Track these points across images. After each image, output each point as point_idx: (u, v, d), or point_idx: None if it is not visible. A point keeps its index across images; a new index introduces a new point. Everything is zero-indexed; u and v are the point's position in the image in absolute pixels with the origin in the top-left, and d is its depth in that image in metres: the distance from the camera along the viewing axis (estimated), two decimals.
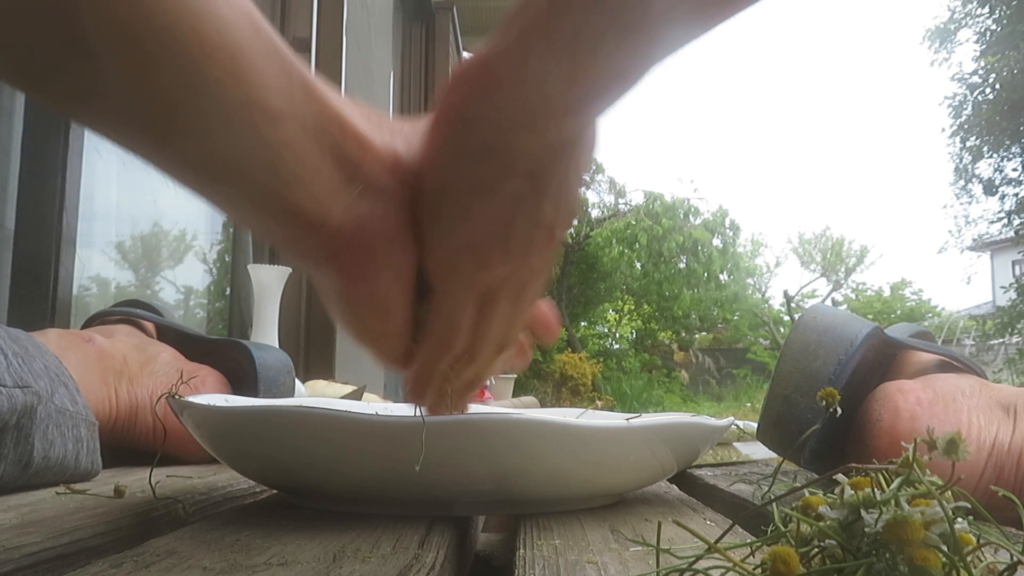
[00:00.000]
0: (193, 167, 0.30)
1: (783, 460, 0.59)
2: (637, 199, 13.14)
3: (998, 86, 12.16)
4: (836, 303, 15.92)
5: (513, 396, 3.45)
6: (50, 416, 0.53)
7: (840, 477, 0.25)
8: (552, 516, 0.44)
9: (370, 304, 0.34)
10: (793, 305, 14.77)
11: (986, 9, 12.39)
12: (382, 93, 3.15)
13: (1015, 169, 12.68)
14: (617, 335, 14.03)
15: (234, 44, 0.27)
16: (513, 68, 0.29)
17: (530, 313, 0.38)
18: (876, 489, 0.24)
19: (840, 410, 0.42)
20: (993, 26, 12.31)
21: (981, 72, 12.50)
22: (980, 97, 12.58)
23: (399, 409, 0.67)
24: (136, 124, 0.28)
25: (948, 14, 13.28)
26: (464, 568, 0.44)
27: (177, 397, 0.48)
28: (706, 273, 13.13)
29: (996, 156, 12.71)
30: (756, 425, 0.66)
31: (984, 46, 12.42)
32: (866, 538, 0.23)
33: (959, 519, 0.23)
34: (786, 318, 14.57)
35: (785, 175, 37.41)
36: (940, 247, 21.91)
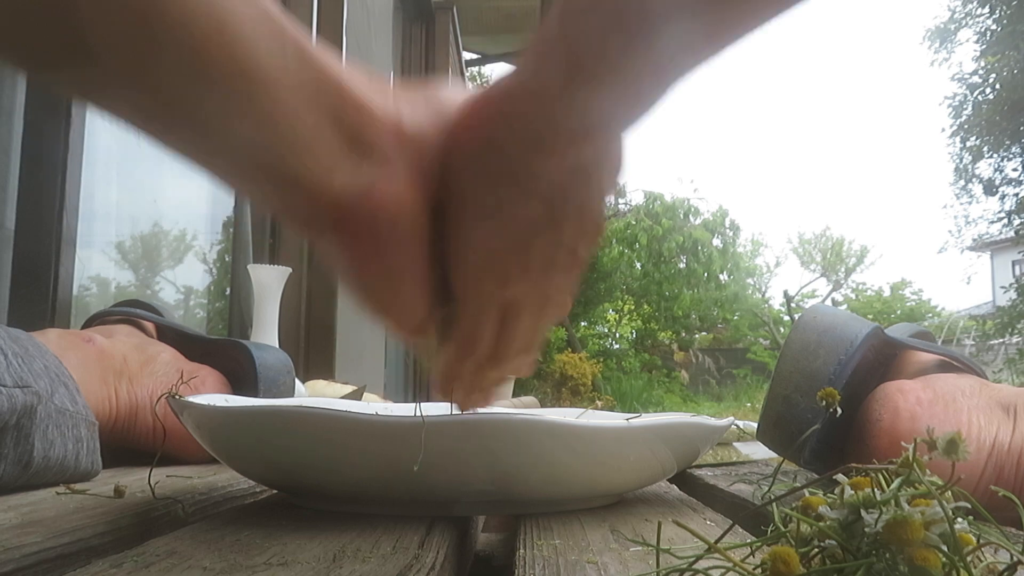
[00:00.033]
0: (186, 137, 0.29)
1: (783, 460, 0.59)
2: (637, 199, 13.14)
3: (998, 86, 12.15)
4: (836, 303, 15.91)
5: (513, 396, 3.45)
6: (50, 416, 0.53)
7: (840, 477, 0.25)
8: (552, 516, 0.44)
9: (381, 273, 0.33)
10: (793, 305, 14.77)
11: (986, 9, 12.38)
12: None
13: (1015, 169, 12.68)
14: (617, 335, 14.02)
15: (220, 10, 0.27)
16: (531, 95, 0.30)
17: (554, 323, 0.39)
18: (876, 489, 0.24)
19: (840, 410, 0.42)
20: (993, 26, 12.31)
21: (981, 72, 12.49)
22: (980, 97, 12.58)
23: (399, 409, 0.67)
24: (121, 94, 0.27)
25: (948, 14, 13.28)
26: (464, 568, 0.44)
27: (177, 397, 0.48)
28: (706, 273, 13.12)
29: (996, 156, 12.71)
30: (756, 425, 0.66)
31: (984, 46, 12.42)
32: (866, 538, 0.23)
33: (959, 519, 0.23)
34: (786, 318, 14.57)
35: (785, 175, 37.40)
36: (940, 247, 21.92)
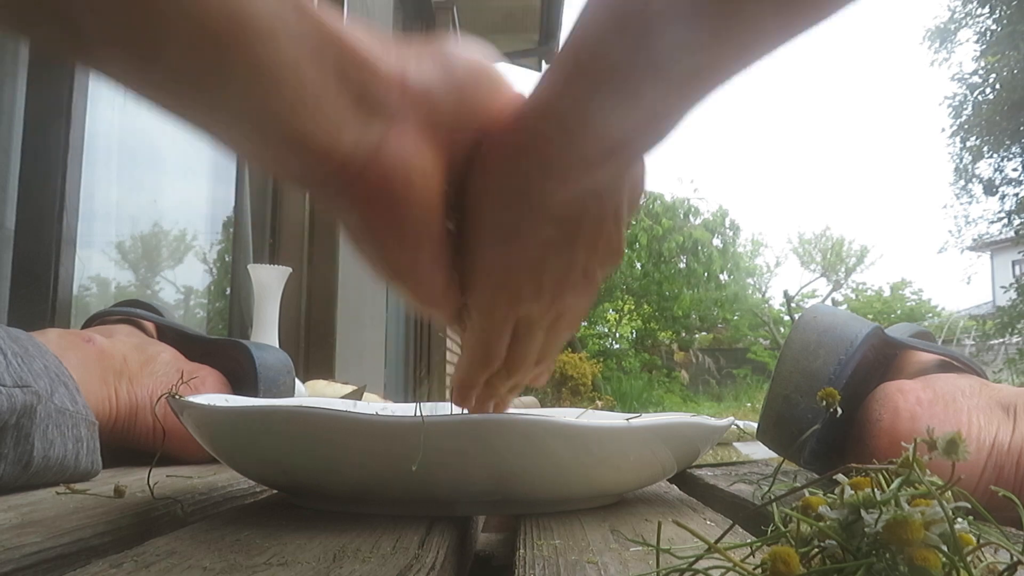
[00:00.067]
0: (187, 98, 0.28)
1: (783, 460, 0.59)
2: None
3: (998, 86, 12.16)
4: (836, 303, 15.91)
5: (519, 393, 3.45)
6: (50, 416, 0.52)
7: (840, 477, 0.25)
8: (552, 516, 0.44)
9: (396, 236, 0.32)
10: (793, 305, 14.77)
11: (986, 9, 12.38)
12: None
13: (1015, 169, 12.68)
14: (617, 335, 14.02)
15: None
16: (543, 125, 0.30)
17: (569, 337, 0.39)
18: (876, 489, 0.24)
19: (840, 410, 0.42)
20: (993, 26, 12.31)
21: (981, 72, 12.49)
22: (980, 97, 12.58)
23: (399, 409, 0.67)
24: (118, 53, 0.26)
25: (948, 14, 13.29)
26: (464, 568, 0.43)
27: (177, 397, 0.48)
28: (706, 273, 13.13)
29: (996, 156, 12.71)
30: (756, 425, 0.66)
31: (984, 46, 12.42)
32: (866, 538, 0.23)
33: (959, 519, 0.23)
34: (786, 318, 14.56)
35: (785, 175, 37.43)
36: (940, 247, 21.95)
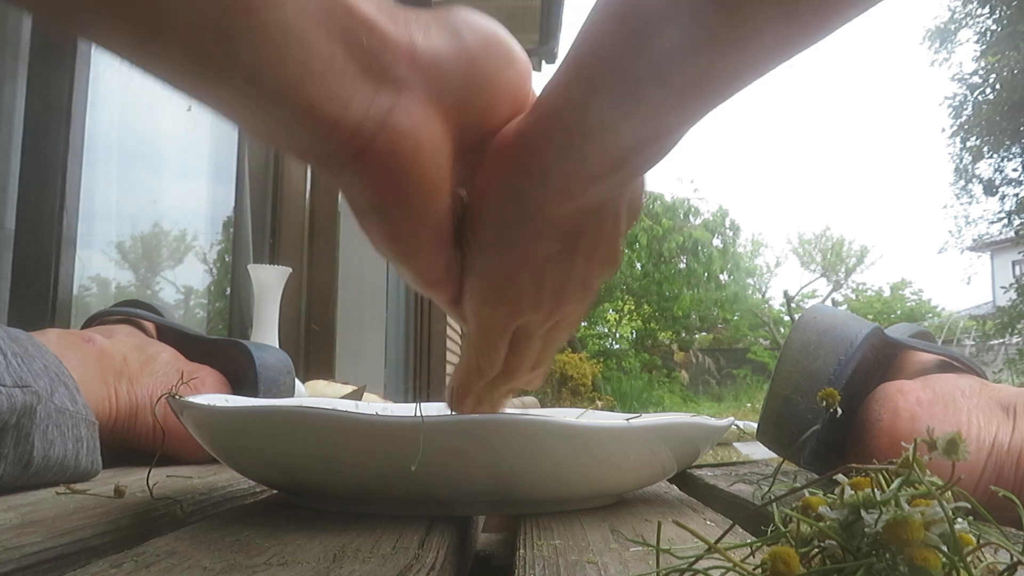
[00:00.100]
0: (193, 70, 0.27)
1: (783, 460, 0.59)
2: None
3: (998, 86, 12.16)
4: (836, 303, 15.92)
5: (513, 396, 3.45)
6: (50, 416, 0.53)
7: (840, 477, 0.25)
8: (552, 516, 0.44)
9: (402, 208, 0.31)
10: (793, 305, 14.77)
11: (986, 9, 12.38)
12: None
13: (1015, 169, 12.68)
14: (617, 335, 14.02)
15: None
16: (545, 140, 0.30)
17: (565, 342, 0.39)
18: (876, 489, 0.24)
19: (840, 410, 0.42)
20: (993, 26, 12.31)
21: (981, 72, 12.50)
22: (980, 97, 12.58)
23: (399, 409, 0.67)
24: (123, 25, 0.26)
25: (948, 14, 13.29)
26: (464, 568, 0.43)
27: (177, 397, 0.48)
28: (706, 273, 13.13)
29: (996, 156, 12.71)
30: (756, 425, 0.66)
31: (984, 46, 12.42)
32: (866, 538, 0.23)
33: (959, 519, 0.23)
34: (786, 318, 14.57)
35: (785, 175, 37.39)
36: (940, 247, 21.97)
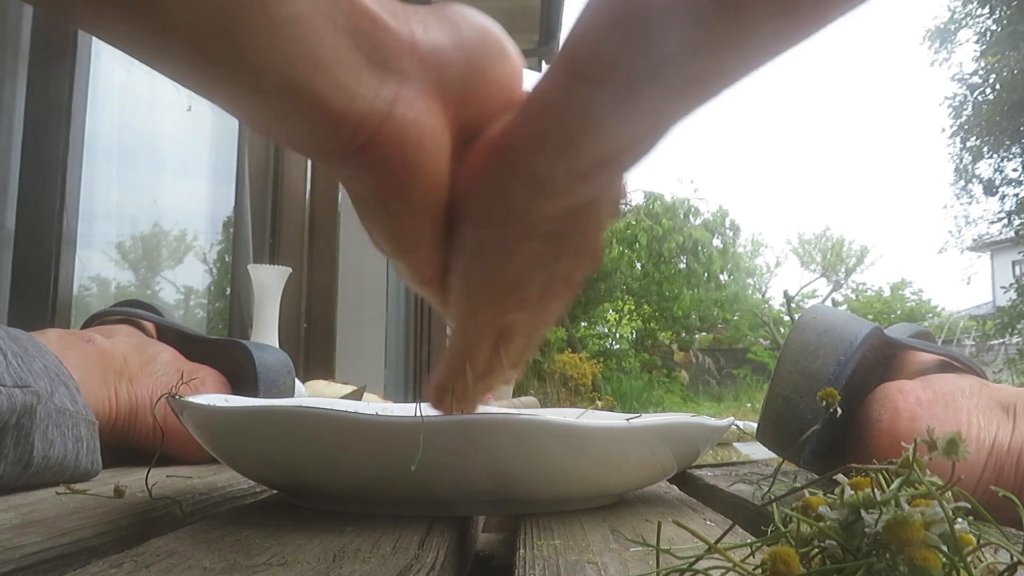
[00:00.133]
0: (202, 64, 0.27)
1: (783, 460, 0.59)
2: (637, 199, 13.14)
3: (998, 86, 12.16)
4: (836, 303, 15.92)
5: (513, 396, 3.45)
6: (50, 416, 0.53)
7: (840, 477, 0.25)
8: (552, 516, 0.44)
9: (405, 201, 0.32)
10: (793, 305, 14.77)
11: (986, 9, 12.39)
12: None
13: (1015, 169, 12.68)
14: (617, 335, 14.02)
15: None
16: (532, 140, 0.30)
17: (542, 339, 0.39)
18: (876, 489, 0.24)
19: (840, 410, 0.42)
20: (993, 26, 12.31)
21: (981, 72, 12.50)
22: (980, 97, 12.58)
23: (399, 409, 0.67)
24: (136, 20, 0.26)
25: (948, 14, 13.29)
26: (464, 568, 0.43)
27: (177, 397, 0.48)
28: (706, 273, 13.13)
29: (996, 156, 12.71)
30: (756, 425, 0.66)
31: (984, 46, 12.42)
32: (866, 538, 0.23)
33: (959, 519, 0.23)
34: (786, 318, 14.57)
35: (785, 175, 37.38)
36: (940, 247, 21.96)
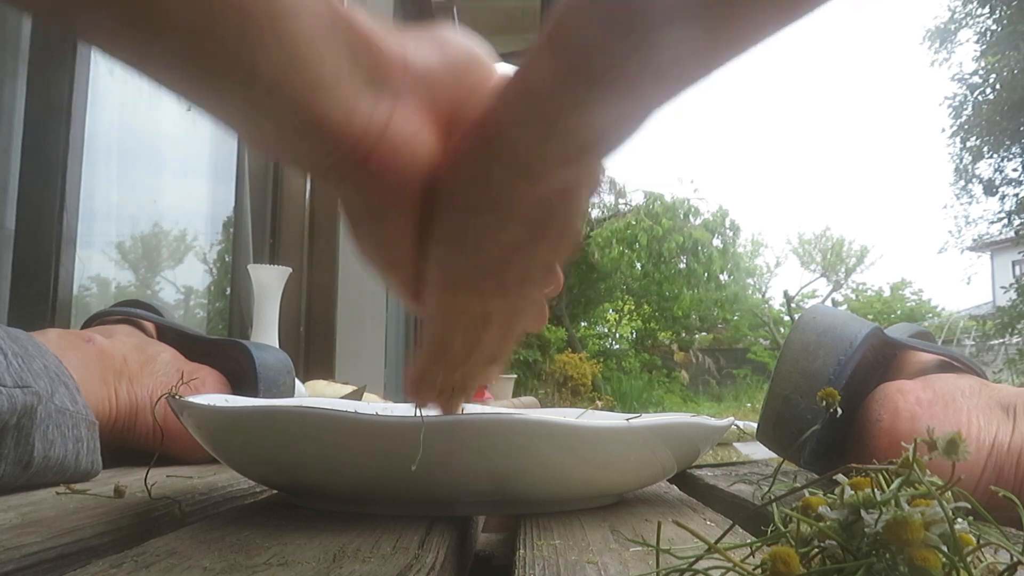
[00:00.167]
0: (205, 77, 0.28)
1: (783, 460, 0.59)
2: (637, 199, 13.14)
3: (998, 86, 12.16)
4: (836, 303, 15.92)
5: (513, 396, 3.46)
6: (50, 416, 0.53)
7: (840, 477, 0.25)
8: (552, 516, 0.44)
9: (399, 217, 0.32)
10: (793, 305, 14.77)
11: (986, 9, 12.38)
12: None
13: (1015, 169, 12.68)
14: (617, 335, 14.02)
15: None
16: (515, 122, 0.29)
17: (523, 331, 0.39)
18: (876, 489, 0.24)
19: (840, 410, 0.42)
20: (993, 26, 12.31)
21: (981, 72, 12.49)
22: (980, 97, 12.58)
23: (399, 409, 0.67)
24: (154, 41, 0.26)
25: (948, 14, 13.28)
26: (464, 568, 0.44)
27: (177, 397, 0.48)
28: (706, 273, 13.12)
29: (996, 156, 12.71)
30: (756, 425, 0.66)
31: (984, 46, 12.42)
32: (866, 538, 0.23)
33: (959, 519, 0.23)
34: (786, 318, 14.56)
35: (785, 175, 37.34)
36: (940, 247, 21.95)
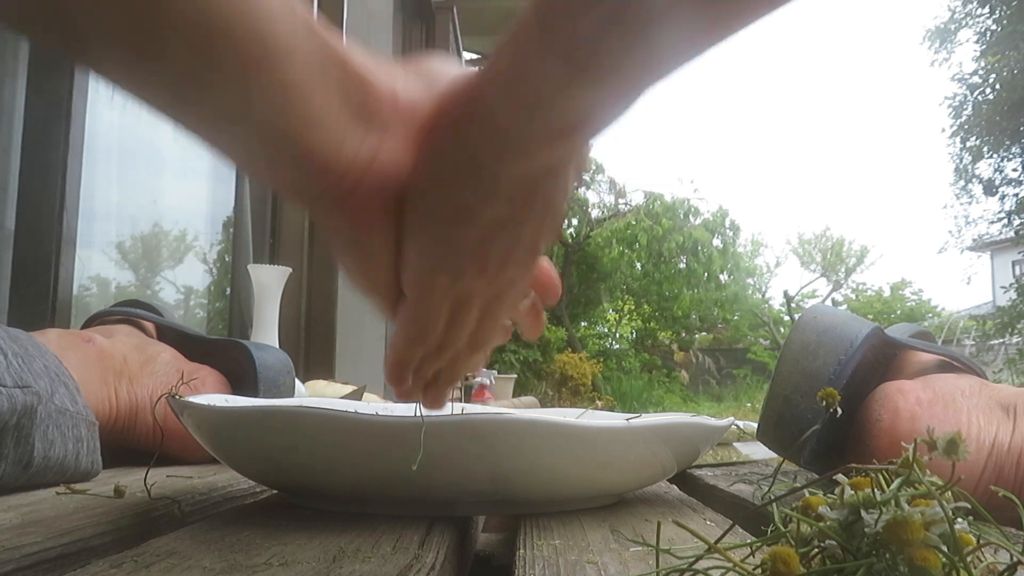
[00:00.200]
0: (202, 111, 0.29)
1: (783, 460, 0.59)
2: (637, 199, 13.12)
3: (998, 86, 12.15)
4: (836, 303, 15.91)
5: (513, 396, 3.46)
6: (50, 416, 0.53)
7: (840, 477, 0.25)
8: (552, 516, 0.44)
9: (386, 247, 0.33)
10: (793, 305, 14.76)
11: (986, 9, 12.38)
12: None
13: (1015, 169, 12.68)
14: (617, 335, 14.01)
15: None
16: (502, 96, 0.29)
17: (508, 316, 0.38)
18: (876, 489, 0.24)
19: (840, 410, 0.42)
20: (993, 26, 12.31)
21: (981, 72, 12.49)
22: (980, 97, 12.58)
23: (399, 409, 0.67)
24: (159, 81, 0.27)
25: (948, 14, 13.28)
26: (464, 568, 0.44)
27: (177, 397, 0.48)
28: (706, 273, 13.12)
29: (996, 156, 12.71)
30: (756, 425, 0.66)
31: (984, 46, 12.42)
32: (866, 538, 0.23)
33: (959, 519, 0.23)
34: (786, 318, 14.56)
35: (785, 175, 37.35)
36: (940, 247, 21.94)
